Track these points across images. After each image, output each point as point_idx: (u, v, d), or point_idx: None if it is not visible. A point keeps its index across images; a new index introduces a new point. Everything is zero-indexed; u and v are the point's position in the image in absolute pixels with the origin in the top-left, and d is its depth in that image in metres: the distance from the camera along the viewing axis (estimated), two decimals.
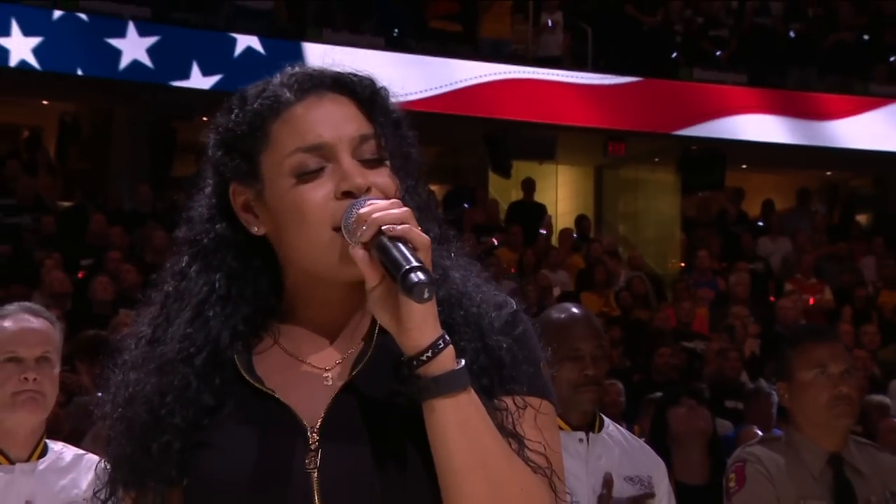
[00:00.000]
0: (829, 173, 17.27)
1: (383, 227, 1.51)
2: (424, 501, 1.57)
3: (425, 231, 1.55)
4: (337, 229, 1.58)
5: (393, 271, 1.50)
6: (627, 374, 9.47)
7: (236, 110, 1.67)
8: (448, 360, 1.53)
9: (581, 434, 3.51)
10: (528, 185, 14.90)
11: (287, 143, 1.62)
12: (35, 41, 12.66)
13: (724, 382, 9.19)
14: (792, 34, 16.35)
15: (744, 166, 16.18)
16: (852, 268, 14.20)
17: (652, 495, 3.50)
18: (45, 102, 14.66)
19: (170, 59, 13.20)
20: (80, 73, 13.04)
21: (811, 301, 12.81)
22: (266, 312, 1.68)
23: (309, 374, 1.65)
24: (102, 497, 1.66)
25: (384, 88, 1.69)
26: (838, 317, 12.19)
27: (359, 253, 1.53)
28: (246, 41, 13.39)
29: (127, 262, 10.49)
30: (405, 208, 1.54)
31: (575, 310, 3.73)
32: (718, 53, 15.79)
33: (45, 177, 13.14)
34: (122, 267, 10.31)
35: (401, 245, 1.50)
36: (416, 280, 1.46)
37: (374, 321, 1.64)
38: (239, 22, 13.67)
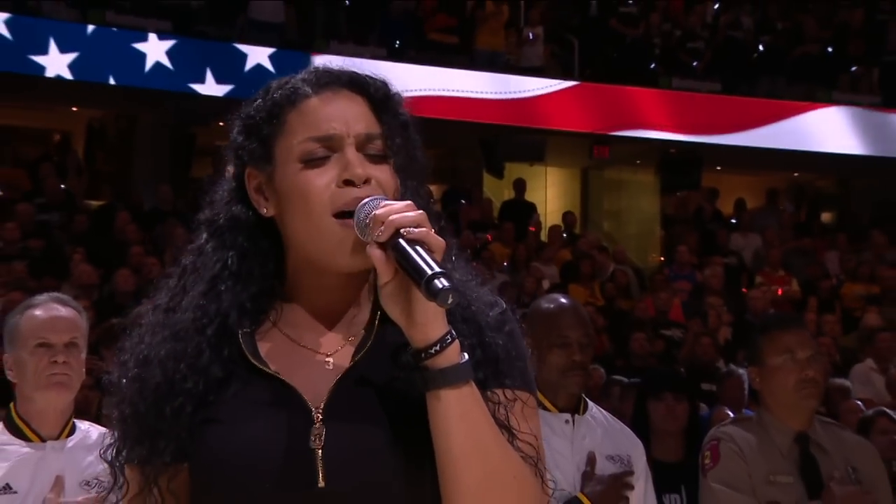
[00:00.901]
0: (796, 174, 17.28)
1: (403, 230, 1.49)
2: (423, 481, 1.56)
3: None
4: (336, 216, 1.57)
5: (415, 275, 1.48)
6: (610, 359, 9.49)
7: (259, 100, 1.66)
8: (454, 354, 1.52)
9: (567, 416, 3.50)
10: (520, 185, 14.90)
11: (300, 130, 1.61)
12: (71, 56, 12.64)
13: (699, 366, 9.20)
14: (762, 46, 16.35)
15: (718, 168, 16.18)
16: (817, 262, 14.21)
17: (631, 473, 3.49)
18: (74, 109, 14.64)
19: (188, 69, 13.19)
20: (112, 81, 13.03)
21: (779, 292, 12.82)
22: (270, 294, 1.66)
23: (310, 358, 1.63)
24: (110, 456, 1.63)
25: (397, 93, 1.68)
26: (804, 307, 12.20)
27: (375, 252, 1.51)
28: (258, 52, 13.37)
29: (148, 256, 10.49)
30: (421, 211, 1.52)
31: (563, 300, 3.72)
32: (695, 64, 15.79)
33: (73, 178, 13.14)
34: (144, 261, 10.31)
35: (419, 249, 1.49)
36: (440, 287, 1.44)
37: (373, 311, 1.64)
38: (252, 34, 13.66)
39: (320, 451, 1.55)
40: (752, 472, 3.55)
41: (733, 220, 15.72)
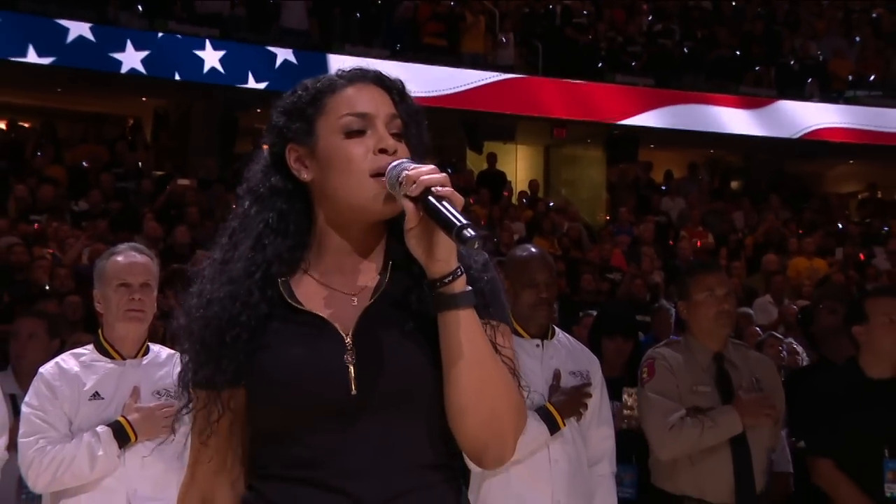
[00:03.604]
0: (711, 151, 17.23)
1: (432, 188, 1.49)
2: (433, 388, 1.55)
3: None
4: (373, 175, 1.56)
5: (446, 225, 1.46)
6: (567, 297, 9.49)
7: (299, 91, 1.65)
8: (462, 283, 1.53)
9: (538, 341, 3.49)
10: (492, 158, 14.82)
11: (340, 109, 1.60)
12: (143, 54, 12.59)
13: (635, 302, 9.21)
14: (686, 50, 16.28)
15: (651, 146, 16.12)
16: (727, 220, 14.20)
17: (589, 384, 3.48)
18: (144, 99, 14.52)
19: (234, 67, 13.09)
20: (176, 77, 12.93)
21: (699, 244, 12.79)
22: (303, 247, 1.64)
23: (338, 297, 1.61)
24: (183, 380, 1.62)
25: (409, 92, 1.68)
26: (717, 255, 12.22)
27: (409, 205, 1.50)
28: (287, 53, 13.25)
29: (201, 215, 10.45)
30: (444, 174, 1.51)
31: (533, 249, 3.69)
32: (633, 63, 15.68)
33: (143, 153, 13.06)
34: (197, 219, 10.29)
35: (446, 204, 1.47)
36: (470, 235, 1.43)
37: (385, 259, 1.62)
38: (282, 38, 13.51)
39: (352, 366, 1.54)
40: (679, 383, 3.56)
41: (663, 187, 15.67)
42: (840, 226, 14.72)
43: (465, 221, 1.45)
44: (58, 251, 8.83)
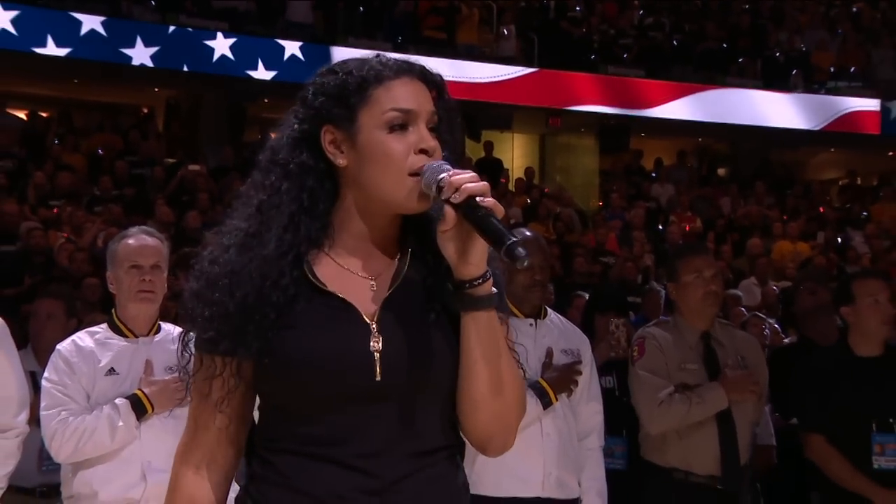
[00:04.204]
0: (699, 139, 17.17)
1: (475, 197, 1.45)
2: (449, 375, 1.53)
3: None
4: (412, 174, 1.51)
5: (491, 236, 1.43)
6: (560, 279, 9.48)
7: (341, 73, 1.57)
8: (489, 286, 1.51)
9: (531, 320, 3.50)
10: (488, 146, 14.76)
11: (386, 102, 1.53)
12: (154, 49, 12.53)
13: (626, 283, 9.20)
14: (675, 42, 16.19)
15: (642, 134, 16.06)
16: (714, 205, 14.19)
17: (579, 362, 3.49)
18: (156, 90, 14.46)
19: (243, 59, 13.02)
20: (185, 68, 12.88)
21: (687, 228, 12.76)
22: (326, 228, 1.59)
23: (357, 280, 1.55)
24: (192, 345, 1.57)
25: (447, 88, 1.62)
26: (705, 238, 12.19)
27: (450, 210, 1.45)
28: (293, 45, 13.17)
29: (212, 202, 10.43)
30: (485, 183, 1.47)
31: (528, 233, 3.69)
32: (625, 55, 15.60)
33: (155, 141, 13.00)
34: (208, 205, 10.25)
35: (493, 218, 1.43)
36: (521, 254, 1.39)
37: (401, 247, 1.59)
38: (289, 32, 13.43)
39: (378, 353, 1.51)
40: (668, 361, 3.56)
41: (653, 174, 15.62)
42: (821, 210, 14.71)
43: (515, 238, 1.42)
44: (74, 235, 8.85)
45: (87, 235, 8.79)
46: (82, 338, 3.11)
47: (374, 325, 1.52)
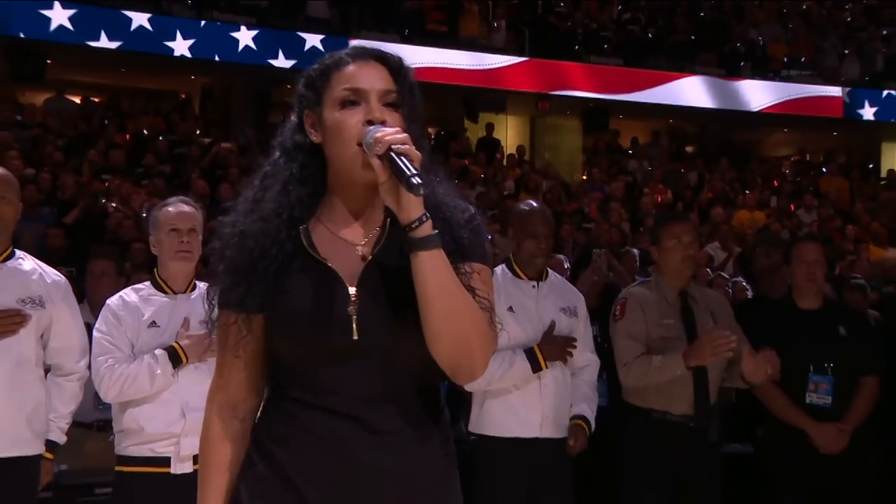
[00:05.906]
0: (671, 121, 17.04)
1: (392, 146, 1.43)
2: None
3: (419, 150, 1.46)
4: (360, 144, 1.49)
5: (398, 175, 1.42)
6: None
7: (316, 65, 1.59)
8: (427, 228, 1.45)
9: (534, 283, 3.49)
10: (490, 128, 14.70)
11: (340, 83, 1.53)
12: (191, 41, 12.48)
13: (606, 247, 9.10)
14: (650, 35, 16.04)
15: (620, 116, 15.94)
16: (683, 179, 14.13)
17: (574, 339, 3.48)
18: (192, 77, 14.37)
19: (267, 49, 12.93)
20: (217, 58, 12.81)
21: (659, 199, 12.71)
22: (318, 196, 1.58)
23: (345, 246, 1.54)
24: (213, 298, 1.57)
25: (409, 66, 1.59)
26: (675, 208, 12.15)
27: (375, 161, 1.44)
28: (313, 38, 13.04)
29: (241, 175, 10.35)
30: (405, 134, 1.46)
31: (535, 204, 3.66)
32: (605, 46, 15.43)
33: (192, 123, 12.94)
34: (238, 178, 10.18)
35: (403, 158, 1.42)
36: (415, 182, 1.40)
37: (386, 215, 1.54)
38: (309, 26, 13.31)
39: (355, 315, 1.49)
40: (648, 317, 3.51)
41: (630, 151, 15.55)
42: (776, 184, 14.69)
43: (412, 171, 1.40)
44: (122, 205, 8.86)
45: (134, 205, 8.79)
46: (128, 294, 3.10)
47: (353, 290, 1.51)
